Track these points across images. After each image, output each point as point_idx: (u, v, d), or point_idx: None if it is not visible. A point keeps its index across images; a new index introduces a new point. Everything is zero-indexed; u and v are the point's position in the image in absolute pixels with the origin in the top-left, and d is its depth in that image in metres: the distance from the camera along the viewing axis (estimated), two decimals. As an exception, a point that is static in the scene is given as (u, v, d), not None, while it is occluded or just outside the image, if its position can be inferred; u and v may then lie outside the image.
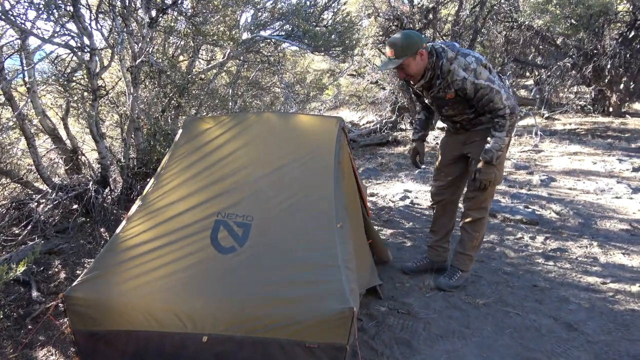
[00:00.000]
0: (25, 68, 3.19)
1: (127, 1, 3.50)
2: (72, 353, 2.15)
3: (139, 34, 3.73)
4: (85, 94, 3.70)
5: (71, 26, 3.10)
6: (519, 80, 12.26)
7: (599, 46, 8.58)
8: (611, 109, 9.35)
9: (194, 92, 4.71)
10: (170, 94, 4.25)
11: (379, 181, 5.83)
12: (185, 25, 4.29)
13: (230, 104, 5.44)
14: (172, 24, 4.19)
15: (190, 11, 4.18)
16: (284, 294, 1.86)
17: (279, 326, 1.80)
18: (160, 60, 4.22)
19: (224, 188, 2.25)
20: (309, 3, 4.73)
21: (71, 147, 3.81)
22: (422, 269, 3.04)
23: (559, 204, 4.48)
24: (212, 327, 1.83)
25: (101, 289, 1.91)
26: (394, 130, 9.30)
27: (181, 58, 5.07)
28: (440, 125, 8.40)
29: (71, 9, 2.92)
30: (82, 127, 4.45)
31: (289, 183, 2.26)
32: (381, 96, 9.73)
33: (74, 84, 3.70)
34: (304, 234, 2.07)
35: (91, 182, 3.44)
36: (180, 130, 2.60)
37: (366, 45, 8.96)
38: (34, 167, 3.36)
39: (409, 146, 7.93)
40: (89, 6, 3.25)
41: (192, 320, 1.85)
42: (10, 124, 3.32)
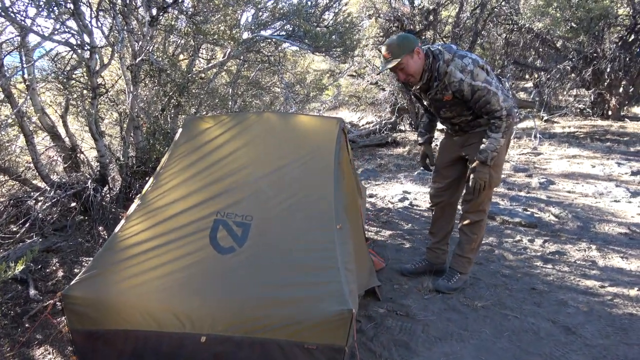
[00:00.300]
0: (24, 65, 3.18)
1: (127, -1, 3.50)
2: (70, 352, 2.14)
3: (139, 32, 3.72)
4: (84, 92, 3.69)
5: (71, 24, 3.09)
6: (518, 83, 12.30)
7: (599, 49, 8.60)
8: (610, 113, 9.37)
9: (194, 91, 4.70)
10: (170, 93, 4.24)
11: (378, 182, 5.83)
12: (185, 24, 4.28)
13: (230, 103, 5.43)
14: (173, 23, 4.18)
15: (191, 10, 4.18)
16: (283, 294, 1.86)
17: (277, 327, 1.79)
18: (160, 59, 4.21)
19: (223, 188, 2.24)
20: (310, 3, 4.73)
21: (70, 145, 3.80)
22: (420, 271, 3.04)
23: (557, 207, 4.49)
24: (210, 328, 1.83)
25: (99, 288, 1.90)
26: (393, 131, 9.31)
27: (181, 57, 5.06)
28: (440, 127, 8.39)
29: (71, 6, 2.91)
30: (82, 125, 4.44)
31: (288, 183, 2.25)
32: (381, 97, 9.75)
33: (73, 81, 3.69)
34: (303, 235, 2.06)
35: (90, 181, 3.43)
36: (180, 130, 2.59)
37: (366, 46, 8.98)
38: (32, 164, 3.34)
39: (409, 147, 7.93)
40: (90, 4, 3.24)
41: (190, 320, 1.84)
42: (9, 121, 3.32)
